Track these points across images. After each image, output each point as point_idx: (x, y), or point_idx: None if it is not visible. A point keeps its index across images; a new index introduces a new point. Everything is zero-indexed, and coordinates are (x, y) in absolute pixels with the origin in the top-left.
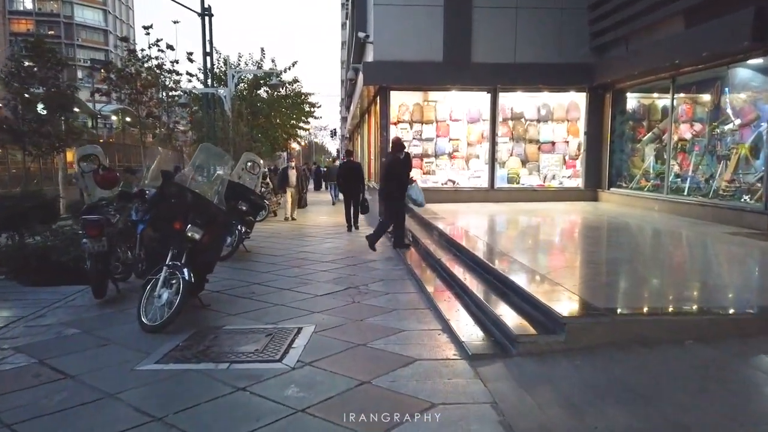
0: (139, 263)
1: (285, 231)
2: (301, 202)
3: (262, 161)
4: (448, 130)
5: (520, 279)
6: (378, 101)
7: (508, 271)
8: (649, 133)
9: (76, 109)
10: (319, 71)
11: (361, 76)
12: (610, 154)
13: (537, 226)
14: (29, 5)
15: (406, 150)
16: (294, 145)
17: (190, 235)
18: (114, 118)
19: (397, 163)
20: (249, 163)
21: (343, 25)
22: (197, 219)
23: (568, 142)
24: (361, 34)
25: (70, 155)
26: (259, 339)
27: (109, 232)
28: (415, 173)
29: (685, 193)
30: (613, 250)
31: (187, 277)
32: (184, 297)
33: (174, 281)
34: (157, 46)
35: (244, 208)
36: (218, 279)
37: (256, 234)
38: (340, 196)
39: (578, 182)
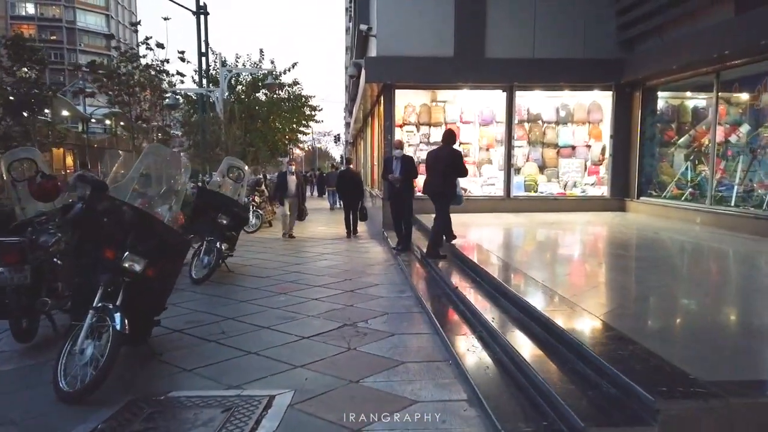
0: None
1: (278, 245)
2: (301, 215)
3: (246, 167)
4: (459, 134)
5: (575, 328)
6: (382, 101)
7: (554, 313)
8: (685, 136)
9: (66, 113)
10: (323, 77)
11: (363, 74)
12: (640, 160)
13: (570, 245)
14: (31, 10)
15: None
16: (297, 151)
17: (127, 266)
18: (108, 122)
19: (457, 156)
20: (231, 170)
21: (347, 29)
22: (139, 244)
23: (589, 146)
24: (363, 27)
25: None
26: (211, 417)
27: (36, 258)
28: (421, 180)
29: (732, 203)
30: (680, 280)
31: (119, 327)
32: (113, 354)
33: (105, 330)
34: (147, 44)
35: (224, 221)
36: (185, 311)
37: (245, 248)
38: (339, 203)
39: (603, 190)
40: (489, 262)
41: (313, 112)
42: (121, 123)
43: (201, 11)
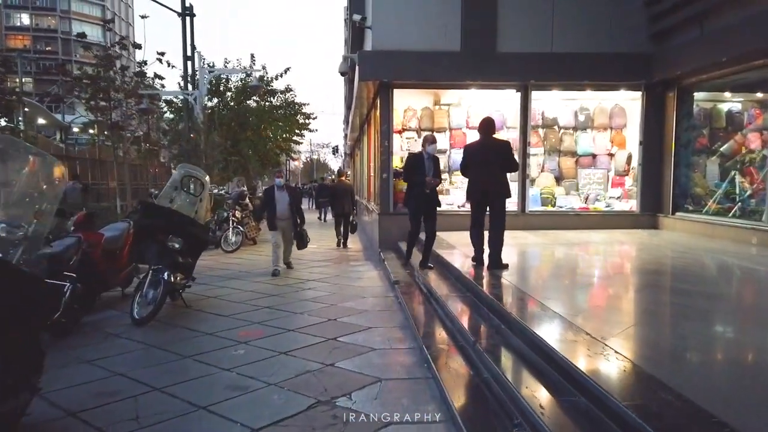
0: None
1: (256, 268)
2: (301, 241)
3: (208, 177)
4: (465, 140)
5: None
6: (378, 104)
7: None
8: (729, 142)
9: (42, 120)
10: (322, 89)
11: (357, 72)
12: (674, 169)
13: (611, 275)
14: (26, 21)
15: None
16: (294, 164)
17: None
18: (92, 131)
19: (508, 148)
20: (188, 180)
21: (346, 41)
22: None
23: (612, 154)
24: (357, 17)
25: None
26: None
27: None
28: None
29: None
30: (755, 322)
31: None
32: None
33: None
34: (122, 44)
35: (176, 246)
36: (101, 373)
37: (216, 272)
38: (324, 216)
39: (631, 205)
40: (513, 299)
41: (307, 120)
42: (105, 132)
43: (186, 12)
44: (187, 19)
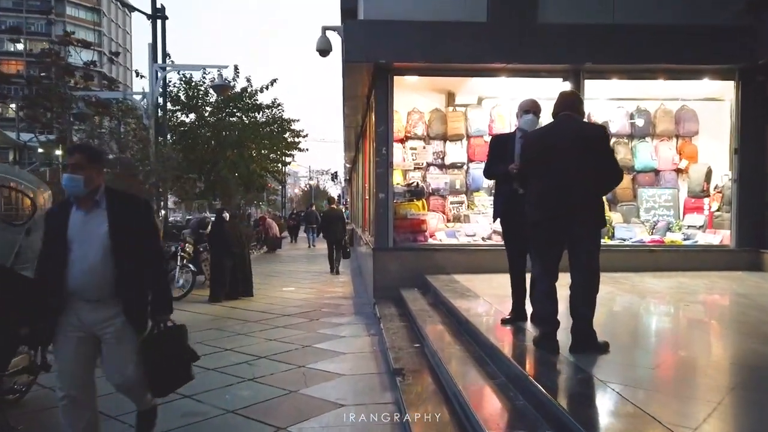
0: None
1: (194, 327)
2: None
3: (33, 193)
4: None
5: None
6: (374, 98)
7: None
8: None
9: None
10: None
11: (343, 52)
12: None
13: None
14: (20, 46)
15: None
16: (295, 192)
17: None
18: (59, 152)
19: (603, 138)
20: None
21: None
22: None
23: (680, 170)
24: None
25: None
26: None
27: None
28: (435, 220)
29: None
30: None
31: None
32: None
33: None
34: (69, 41)
35: None
36: None
37: None
38: (313, 242)
39: (721, 236)
40: None
41: (296, 139)
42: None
43: (158, 15)
44: (157, 21)
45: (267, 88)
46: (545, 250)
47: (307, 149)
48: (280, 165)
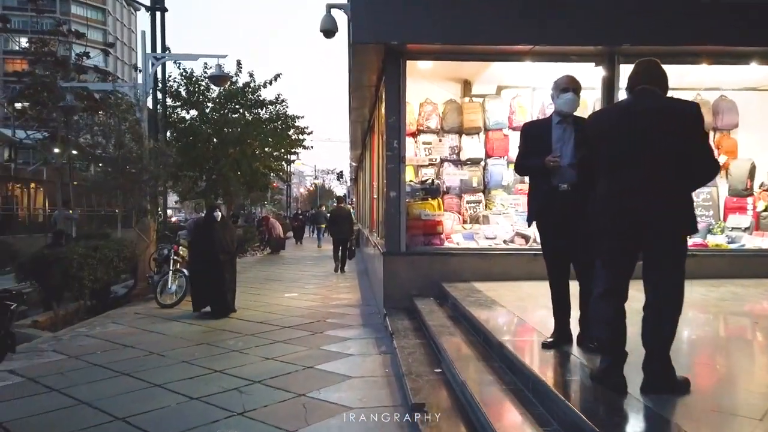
0: None
1: (188, 343)
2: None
3: None
4: (508, 146)
5: None
6: (384, 86)
7: None
8: None
9: None
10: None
11: (350, 34)
12: None
13: None
14: (25, 44)
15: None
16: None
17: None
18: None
19: (697, 121)
20: None
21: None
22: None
23: (720, 166)
24: None
25: None
26: None
27: None
28: (450, 221)
29: None
30: None
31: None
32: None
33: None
34: (60, 32)
35: None
36: None
37: (111, 352)
38: (321, 242)
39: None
40: None
41: (301, 136)
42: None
43: (157, 7)
44: (156, 14)
45: (270, 83)
46: (617, 263)
47: (312, 146)
48: (284, 163)
